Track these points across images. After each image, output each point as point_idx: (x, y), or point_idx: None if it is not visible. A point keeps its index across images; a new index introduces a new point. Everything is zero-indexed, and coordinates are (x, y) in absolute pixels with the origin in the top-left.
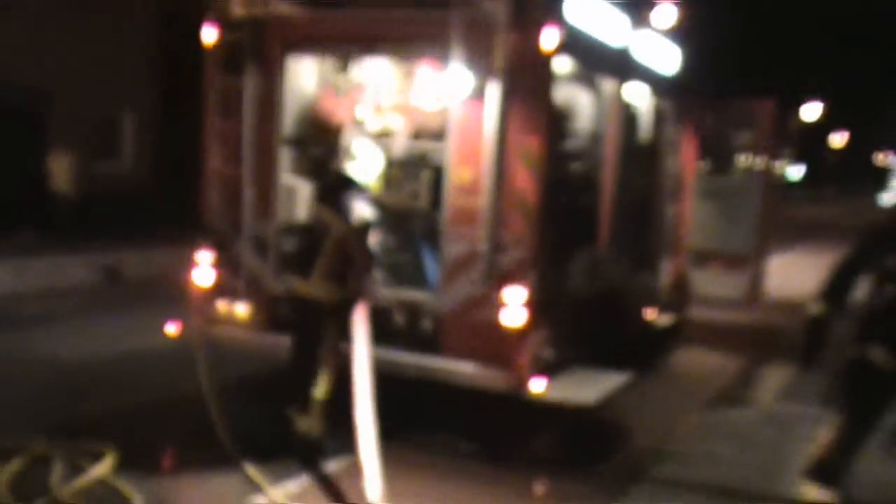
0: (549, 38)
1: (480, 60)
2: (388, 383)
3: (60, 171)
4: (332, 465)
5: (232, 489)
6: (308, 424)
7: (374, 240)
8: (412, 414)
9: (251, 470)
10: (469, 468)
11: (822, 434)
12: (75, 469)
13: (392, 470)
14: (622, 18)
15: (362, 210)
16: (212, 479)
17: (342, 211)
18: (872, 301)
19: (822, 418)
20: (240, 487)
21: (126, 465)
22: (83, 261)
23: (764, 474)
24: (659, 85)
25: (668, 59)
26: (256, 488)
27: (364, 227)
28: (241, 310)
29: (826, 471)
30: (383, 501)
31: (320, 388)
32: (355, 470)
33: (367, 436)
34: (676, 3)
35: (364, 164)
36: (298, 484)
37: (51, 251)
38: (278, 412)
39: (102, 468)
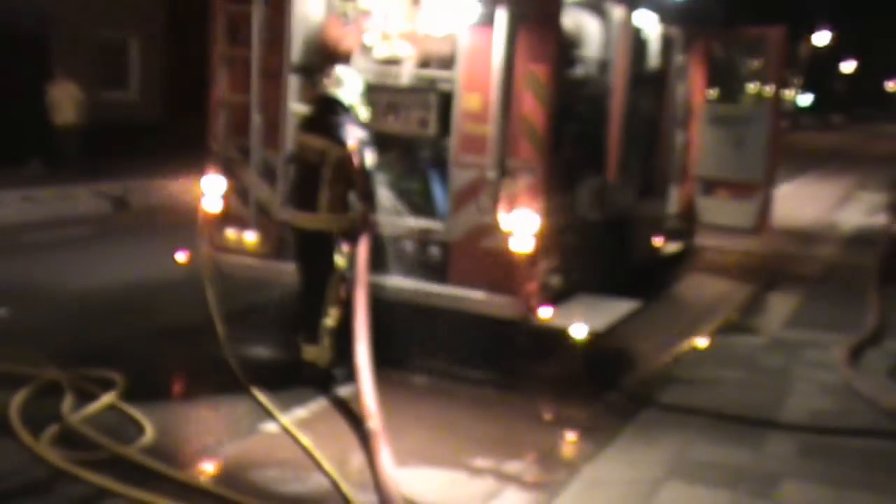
0: None
1: None
2: (396, 310)
3: (67, 99)
4: (342, 392)
5: (242, 416)
6: (317, 353)
7: (370, 160)
8: (420, 341)
9: (261, 397)
10: (477, 395)
11: None
12: (86, 396)
13: (399, 396)
14: None
15: (355, 131)
16: (221, 406)
17: (335, 135)
18: None
19: (828, 344)
20: (249, 414)
21: (136, 392)
22: (91, 190)
23: (770, 399)
24: (668, 11)
25: None
26: (266, 415)
27: (361, 148)
28: (250, 237)
29: None
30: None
31: (330, 318)
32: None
33: (364, 363)
34: None
35: (348, 87)
36: (308, 410)
37: (59, 181)
38: (288, 340)
39: (112, 395)
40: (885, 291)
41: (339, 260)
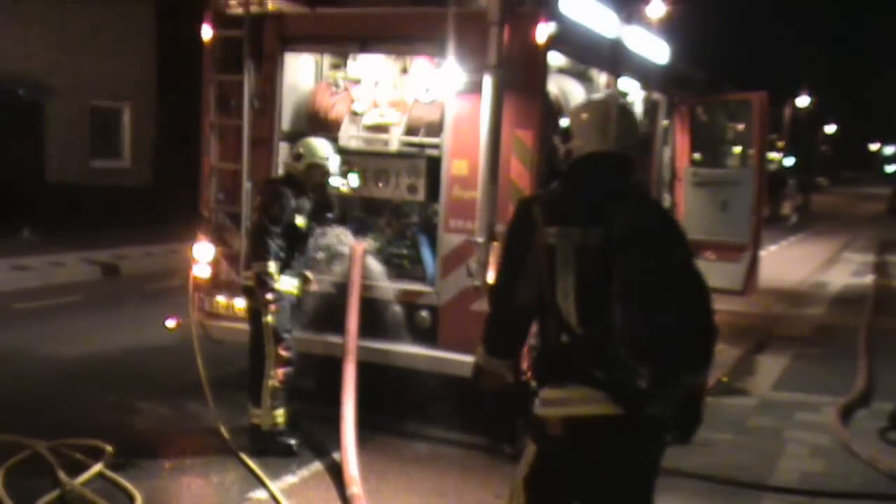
0: (542, 32)
1: (475, 55)
2: (385, 375)
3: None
4: (333, 458)
5: (231, 483)
6: (260, 416)
7: (301, 221)
8: (410, 405)
9: (250, 463)
10: (467, 460)
11: None
12: (74, 465)
13: (389, 461)
14: (614, 12)
15: (286, 197)
16: (211, 474)
17: (267, 199)
18: None
19: (819, 405)
20: (239, 481)
21: (125, 460)
22: (82, 257)
23: (761, 461)
24: (652, 78)
25: (660, 52)
26: (256, 482)
27: (274, 202)
28: (241, 304)
29: None
30: (363, 493)
31: (272, 378)
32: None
33: (349, 428)
34: None
35: (333, 164)
36: (298, 477)
37: (49, 248)
38: (249, 437)
39: (101, 464)
40: (874, 352)
41: (269, 318)
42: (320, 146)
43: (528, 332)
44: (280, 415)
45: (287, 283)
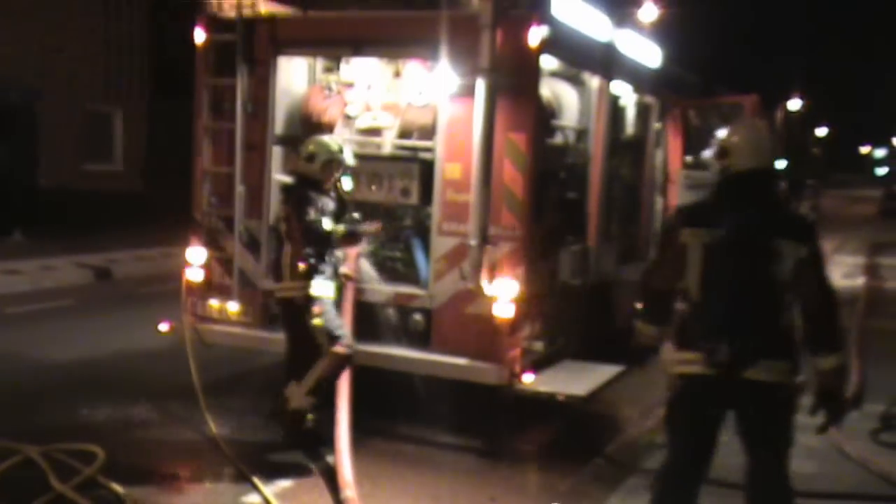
0: (534, 35)
1: (468, 58)
2: (378, 378)
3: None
4: (326, 462)
5: (224, 488)
6: (291, 393)
7: (328, 226)
8: (403, 408)
9: (244, 468)
10: (461, 463)
11: None
12: (65, 470)
13: (382, 465)
14: (607, 16)
15: (314, 199)
16: (204, 478)
17: (294, 203)
18: None
19: (813, 408)
20: (232, 486)
21: (117, 465)
22: (74, 261)
23: None
24: (644, 81)
25: (652, 55)
26: (249, 486)
27: (302, 209)
28: (233, 307)
29: None
30: (358, 497)
31: (318, 370)
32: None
33: (343, 431)
34: (660, 1)
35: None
36: (292, 481)
37: (41, 251)
38: (270, 409)
39: (93, 469)
40: (865, 353)
41: (316, 321)
42: (331, 141)
43: (670, 307)
44: (309, 405)
45: (324, 288)
